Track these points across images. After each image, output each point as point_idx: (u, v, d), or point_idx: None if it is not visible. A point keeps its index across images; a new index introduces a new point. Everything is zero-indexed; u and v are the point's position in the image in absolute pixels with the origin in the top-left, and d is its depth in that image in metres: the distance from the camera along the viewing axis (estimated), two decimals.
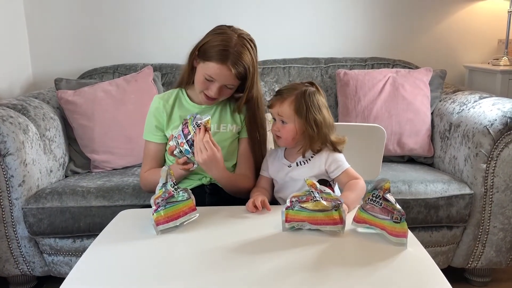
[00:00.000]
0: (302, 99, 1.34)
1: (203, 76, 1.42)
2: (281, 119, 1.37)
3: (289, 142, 1.38)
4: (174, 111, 1.53)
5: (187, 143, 1.32)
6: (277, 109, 1.37)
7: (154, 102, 1.55)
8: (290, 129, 1.36)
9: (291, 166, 1.41)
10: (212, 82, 1.43)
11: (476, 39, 2.64)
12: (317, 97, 1.37)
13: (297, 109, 1.34)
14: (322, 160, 1.38)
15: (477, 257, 1.85)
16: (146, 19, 2.54)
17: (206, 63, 1.41)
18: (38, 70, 2.55)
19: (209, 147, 1.32)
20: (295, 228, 1.16)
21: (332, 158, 1.38)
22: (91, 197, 1.76)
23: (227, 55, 1.38)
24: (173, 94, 1.55)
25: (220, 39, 1.40)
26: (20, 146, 1.72)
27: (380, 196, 1.11)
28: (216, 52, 1.39)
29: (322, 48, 2.56)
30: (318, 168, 1.38)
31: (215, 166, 1.37)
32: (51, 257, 1.83)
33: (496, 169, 1.75)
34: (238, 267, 1.01)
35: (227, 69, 1.39)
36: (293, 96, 1.35)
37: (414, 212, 1.76)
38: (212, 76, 1.41)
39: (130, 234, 1.19)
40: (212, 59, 1.40)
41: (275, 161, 1.46)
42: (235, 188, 1.48)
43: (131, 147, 2.07)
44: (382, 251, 1.06)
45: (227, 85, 1.44)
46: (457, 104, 2.01)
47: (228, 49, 1.39)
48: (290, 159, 1.43)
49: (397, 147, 2.11)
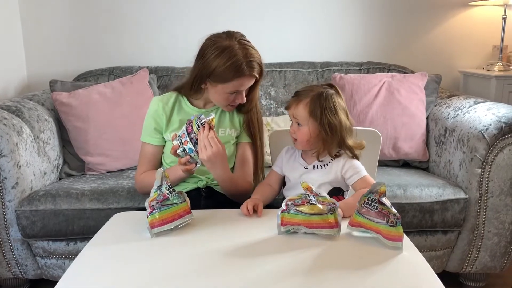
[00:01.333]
0: (318, 101, 1.31)
1: (226, 94, 1.43)
2: (296, 121, 1.35)
3: (304, 145, 1.36)
4: (174, 114, 1.52)
5: (190, 141, 1.31)
6: (293, 111, 1.35)
7: (153, 104, 1.53)
8: (305, 132, 1.34)
9: (308, 168, 1.39)
10: (237, 93, 1.44)
11: (471, 45, 2.66)
12: (334, 100, 1.33)
13: (311, 112, 1.32)
14: (339, 166, 1.36)
15: (472, 262, 1.86)
16: (142, 21, 2.54)
17: (227, 84, 1.41)
18: (33, 71, 2.54)
19: (214, 143, 1.31)
20: (290, 231, 1.16)
21: (349, 164, 1.35)
22: (85, 200, 1.75)
23: (243, 68, 1.38)
24: (172, 97, 1.54)
25: (227, 58, 1.37)
26: (14, 148, 1.71)
27: (376, 199, 1.11)
28: (231, 72, 1.38)
29: (318, 52, 2.57)
30: (334, 174, 1.36)
31: (220, 162, 1.36)
32: (44, 260, 1.82)
33: (491, 174, 1.75)
34: (233, 270, 1.00)
35: (249, 77, 1.41)
36: (308, 98, 1.33)
37: (409, 216, 1.76)
38: (237, 89, 1.42)
39: (124, 237, 1.18)
40: (232, 79, 1.39)
41: (291, 159, 1.43)
42: (234, 189, 1.47)
43: (125, 149, 2.06)
44: (378, 255, 1.05)
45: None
46: (452, 109, 2.02)
47: (240, 63, 1.37)
48: (307, 160, 1.40)
49: (392, 151, 2.11)
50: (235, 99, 1.45)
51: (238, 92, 1.43)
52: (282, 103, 2.33)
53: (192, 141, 1.31)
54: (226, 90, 1.42)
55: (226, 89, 1.41)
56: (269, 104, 2.33)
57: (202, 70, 1.42)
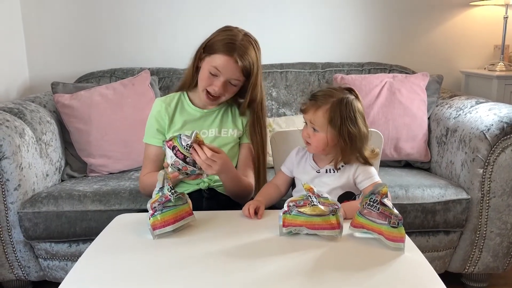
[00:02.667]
0: (338, 109, 1.28)
1: (208, 70, 1.42)
2: (312, 126, 1.32)
3: (319, 150, 1.33)
4: (176, 115, 1.52)
5: (188, 165, 1.26)
6: (310, 116, 1.31)
7: (156, 105, 1.54)
8: (321, 138, 1.30)
9: (320, 172, 1.37)
10: (217, 77, 1.43)
11: (473, 45, 2.66)
12: (354, 107, 1.30)
13: (331, 119, 1.28)
14: (351, 170, 1.34)
15: (474, 262, 1.85)
16: (143, 23, 2.55)
17: (212, 56, 1.42)
18: (34, 73, 2.55)
19: (216, 158, 1.27)
20: (292, 232, 1.16)
21: (362, 169, 1.33)
22: (87, 201, 1.75)
23: (234, 48, 1.40)
24: (175, 98, 1.55)
25: (226, 34, 1.43)
26: (16, 150, 1.71)
27: (378, 200, 1.11)
28: (222, 45, 1.41)
29: (319, 53, 2.57)
30: (346, 179, 1.34)
31: (227, 169, 1.36)
32: (46, 261, 1.82)
33: (492, 174, 1.75)
34: (235, 272, 1.00)
35: (233, 61, 1.40)
36: (328, 105, 1.29)
37: (411, 217, 1.76)
38: (218, 68, 1.41)
39: (127, 238, 1.18)
40: (218, 51, 1.41)
41: (302, 161, 1.41)
42: (238, 189, 1.46)
43: (127, 151, 2.06)
44: (380, 256, 1.05)
45: (231, 81, 1.44)
46: (454, 109, 2.02)
47: (235, 42, 1.40)
48: (319, 163, 1.38)
49: (394, 152, 2.11)
50: (212, 83, 1.43)
51: (218, 75, 1.42)
52: (283, 104, 2.33)
53: (190, 164, 1.26)
54: (210, 64, 1.42)
55: (211, 62, 1.42)
56: (270, 105, 2.33)
57: (203, 42, 1.46)
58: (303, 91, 2.35)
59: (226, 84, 1.44)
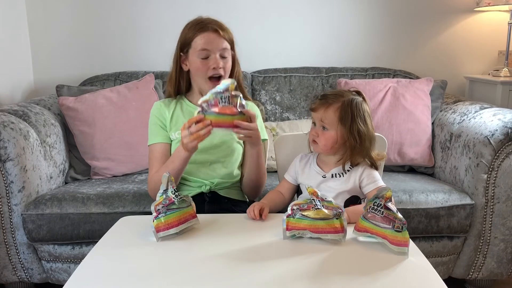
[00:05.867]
0: (349, 108, 1.30)
1: (198, 57, 1.44)
2: (322, 125, 1.33)
3: (327, 149, 1.34)
4: (176, 111, 1.53)
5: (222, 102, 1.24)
6: (321, 114, 1.32)
7: (155, 106, 1.55)
8: (330, 136, 1.32)
9: (326, 176, 1.36)
10: (208, 57, 1.44)
11: (477, 50, 2.66)
12: (363, 108, 1.32)
13: (342, 117, 1.30)
14: (357, 174, 1.34)
15: (478, 268, 1.84)
16: (148, 27, 2.56)
17: (193, 45, 1.45)
18: (39, 76, 2.56)
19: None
20: (296, 236, 1.15)
21: (367, 172, 1.33)
22: (91, 204, 1.76)
23: (206, 24, 1.45)
24: (173, 100, 1.56)
25: (191, 23, 1.49)
26: (20, 152, 1.72)
27: (382, 204, 1.11)
28: (195, 30, 1.45)
29: (323, 58, 2.57)
30: (352, 183, 1.34)
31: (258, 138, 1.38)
32: (49, 264, 1.82)
33: (497, 180, 1.74)
34: (239, 275, 1.00)
35: (213, 33, 1.44)
36: (339, 103, 1.31)
37: (414, 222, 1.76)
38: (204, 47, 1.43)
39: (130, 241, 1.18)
40: (195, 36, 1.44)
41: (306, 167, 1.41)
42: (259, 171, 1.48)
43: (131, 154, 2.07)
44: (383, 260, 1.05)
45: (223, 54, 1.46)
46: (458, 114, 2.02)
47: (203, 21, 1.46)
48: (324, 168, 1.38)
49: (398, 156, 2.11)
50: (210, 65, 1.43)
51: (208, 54, 1.43)
52: (287, 108, 2.33)
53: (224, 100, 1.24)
54: (195, 52, 1.44)
55: (195, 50, 1.44)
56: (274, 109, 2.33)
57: (177, 46, 1.50)
58: (306, 95, 2.35)
59: (221, 60, 1.45)
